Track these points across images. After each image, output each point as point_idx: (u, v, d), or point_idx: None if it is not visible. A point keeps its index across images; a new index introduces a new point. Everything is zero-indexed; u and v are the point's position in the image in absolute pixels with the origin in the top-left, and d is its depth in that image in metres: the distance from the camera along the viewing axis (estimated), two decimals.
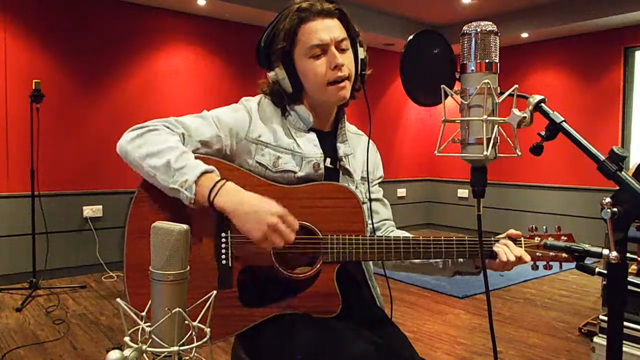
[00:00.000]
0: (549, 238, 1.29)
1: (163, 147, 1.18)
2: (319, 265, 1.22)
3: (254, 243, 1.14)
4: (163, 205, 1.21)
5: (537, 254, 1.28)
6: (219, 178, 1.17)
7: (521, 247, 1.28)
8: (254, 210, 1.13)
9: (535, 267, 1.28)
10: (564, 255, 1.24)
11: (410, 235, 1.30)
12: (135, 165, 1.20)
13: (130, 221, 1.22)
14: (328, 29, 1.26)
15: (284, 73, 1.29)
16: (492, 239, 1.29)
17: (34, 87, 3.79)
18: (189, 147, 1.24)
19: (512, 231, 1.31)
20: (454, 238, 1.25)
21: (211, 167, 1.18)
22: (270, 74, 1.32)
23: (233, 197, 1.14)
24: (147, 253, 1.16)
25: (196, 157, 1.21)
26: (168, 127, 1.24)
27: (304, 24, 1.26)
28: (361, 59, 1.34)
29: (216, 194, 1.14)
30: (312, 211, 1.25)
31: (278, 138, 1.32)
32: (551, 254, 1.25)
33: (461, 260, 1.34)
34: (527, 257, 1.25)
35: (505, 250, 1.24)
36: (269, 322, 1.22)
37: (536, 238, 1.30)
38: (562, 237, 1.29)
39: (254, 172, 1.29)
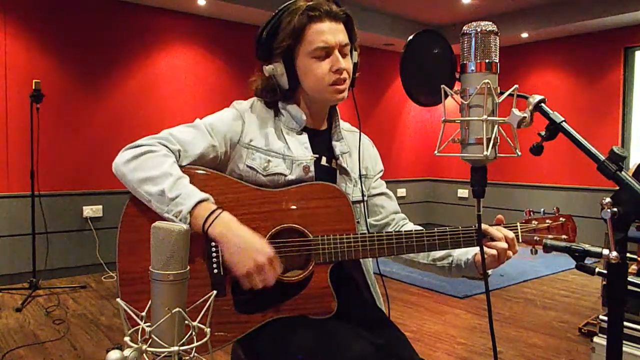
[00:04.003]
0: (547, 221, 1.29)
1: (158, 173, 1.17)
2: (311, 267, 1.22)
3: (236, 275, 1.15)
4: (154, 216, 1.19)
5: (535, 238, 1.27)
6: (214, 207, 1.16)
7: (517, 232, 1.27)
8: (246, 245, 1.13)
9: (534, 252, 1.26)
10: (563, 237, 1.24)
11: (414, 229, 1.29)
12: (132, 188, 1.20)
13: (121, 234, 1.21)
14: (334, 33, 1.27)
15: (284, 69, 1.29)
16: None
17: (34, 87, 3.79)
18: (185, 161, 1.24)
19: (498, 217, 1.31)
20: (447, 229, 1.24)
21: (206, 195, 1.17)
22: (268, 68, 1.31)
23: (226, 228, 1.14)
24: (139, 265, 1.17)
25: (184, 169, 1.22)
26: (164, 145, 1.23)
27: (312, 24, 1.26)
28: (354, 63, 1.35)
29: (210, 224, 1.14)
30: (301, 213, 1.24)
31: (269, 142, 1.32)
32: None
33: (464, 266, 1.33)
34: (511, 234, 1.24)
35: (500, 245, 1.23)
36: (268, 323, 1.22)
37: (533, 222, 1.29)
38: (561, 219, 1.28)
39: (244, 176, 1.29)
